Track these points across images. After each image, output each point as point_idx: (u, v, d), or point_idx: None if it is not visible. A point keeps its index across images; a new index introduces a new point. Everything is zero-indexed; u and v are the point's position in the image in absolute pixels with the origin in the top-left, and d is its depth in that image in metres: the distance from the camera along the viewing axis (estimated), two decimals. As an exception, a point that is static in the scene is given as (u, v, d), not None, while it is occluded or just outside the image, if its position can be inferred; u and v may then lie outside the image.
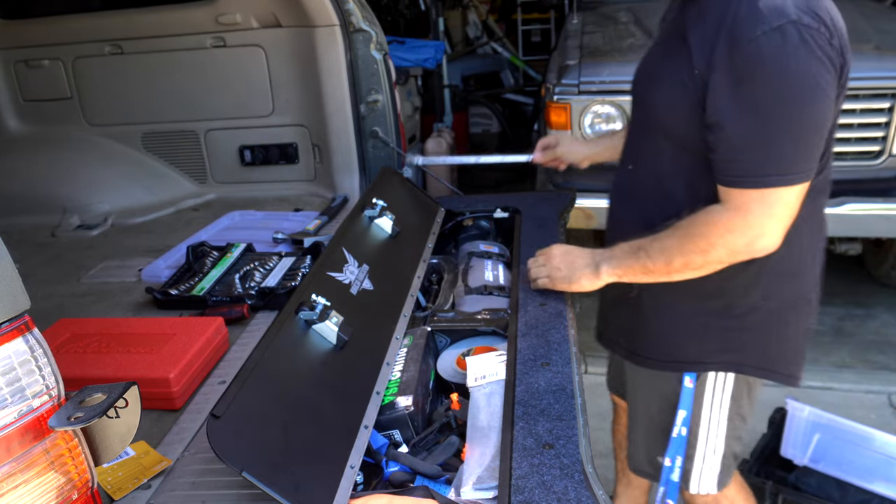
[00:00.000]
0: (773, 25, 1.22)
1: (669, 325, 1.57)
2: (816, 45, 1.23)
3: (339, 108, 2.65)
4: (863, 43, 3.34)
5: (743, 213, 1.32)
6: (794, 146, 1.28)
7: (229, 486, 1.11)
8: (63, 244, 2.51)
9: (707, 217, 1.37)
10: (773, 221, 1.32)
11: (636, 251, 1.47)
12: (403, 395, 1.33)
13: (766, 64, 1.23)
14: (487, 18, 7.70)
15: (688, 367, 1.57)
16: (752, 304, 1.49)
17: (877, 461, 2.24)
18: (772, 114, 1.26)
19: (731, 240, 1.34)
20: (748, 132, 1.28)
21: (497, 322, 1.59)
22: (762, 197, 1.30)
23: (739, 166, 1.31)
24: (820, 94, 1.26)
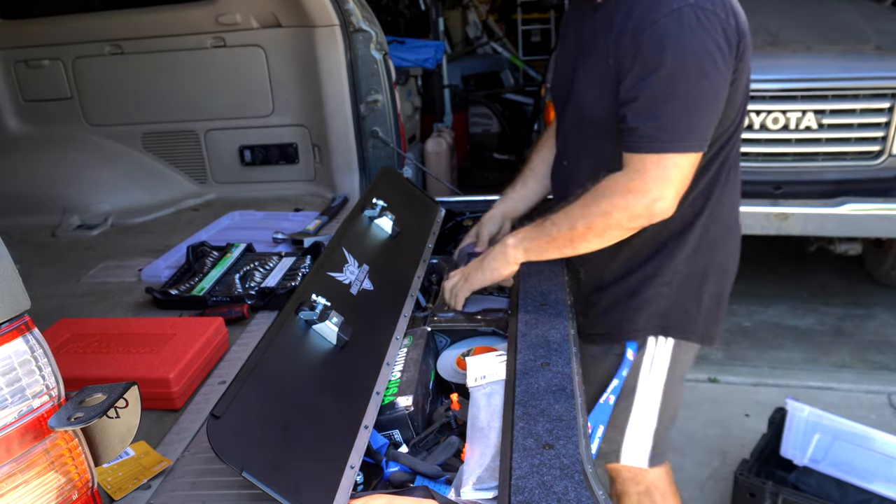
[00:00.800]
0: (672, 8, 1.35)
1: (610, 297, 1.66)
2: (711, 25, 1.35)
3: (339, 108, 2.65)
4: (863, 43, 3.34)
5: (641, 175, 1.42)
6: (687, 117, 1.39)
7: (229, 486, 1.11)
8: (63, 244, 2.51)
9: (608, 182, 1.47)
10: (668, 185, 1.41)
11: (542, 223, 1.57)
12: (403, 395, 1.33)
13: (665, 43, 1.36)
14: (487, 18, 7.70)
15: (629, 337, 1.65)
16: (677, 268, 1.60)
17: (877, 461, 2.24)
18: (669, 87, 1.38)
19: (631, 201, 1.43)
20: (648, 103, 1.40)
21: (497, 322, 1.59)
22: (659, 161, 1.40)
23: (640, 133, 1.41)
24: (713, 71, 1.38)
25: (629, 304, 1.63)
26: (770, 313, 3.95)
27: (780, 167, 3.31)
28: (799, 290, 4.18)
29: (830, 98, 3.20)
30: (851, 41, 3.37)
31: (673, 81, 1.37)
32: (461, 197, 2.38)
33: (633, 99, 1.41)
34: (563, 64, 1.68)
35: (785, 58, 3.33)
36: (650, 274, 1.61)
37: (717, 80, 1.39)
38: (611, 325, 1.67)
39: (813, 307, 4.01)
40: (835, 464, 2.32)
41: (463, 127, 6.06)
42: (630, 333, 1.65)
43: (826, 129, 3.24)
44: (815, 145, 3.28)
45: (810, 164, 3.31)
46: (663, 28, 1.35)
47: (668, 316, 1.63)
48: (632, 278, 1.62)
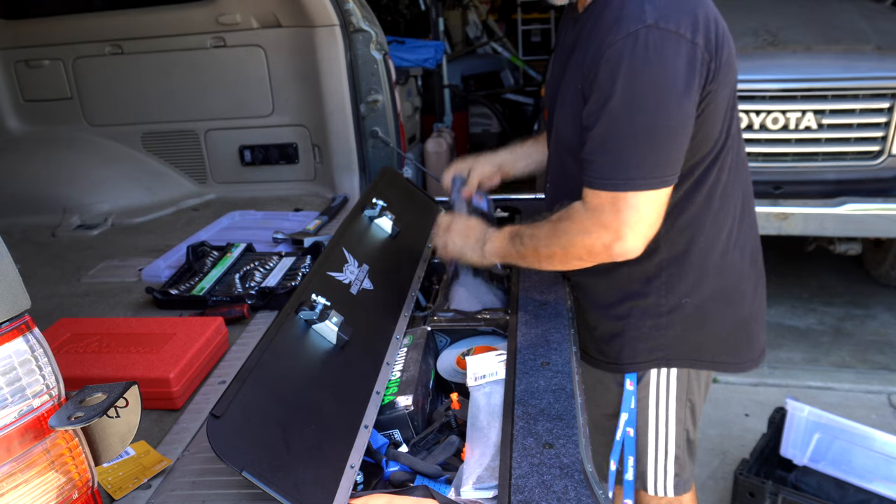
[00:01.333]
0: (629, 30, 1.24)
1: (607, 329, 1.61)
2: (671, 48, 1.23)
3: (339, 108, 2.65)
4: (863, 43, 3.34)
5: (597, 214, 1.34)
6: (642, 153, 1.28)
7: (229, 485, 1.11)
8: (63, 244, 2.51)
9: (571, 213, 1.39)
10: (625, 227, 1.31)
11: (513, 237, 1.52)
12: (403, 394, 1.33)
13: (617, 69, 1.25)
14: (487, 18, 7.70)
15: (626, 369, 1.60)
16: (675, 302, 1.52)
17: (877, 461, 2.24)
18: (622, 120, 1.27)
19: (588, 241, 1.36)
20: (602, 135, 1.30)
21: (497, 322, 1.59)
22: (613, 200, 1.31)
23: (594, 168, 1.32)
24: (672, 99, 1.25)
25: (627, 336, 1.56)
26: (770, 313, 3.95)
27: (779, 167, 3.31)
28: (799, 290, 4.18)
29: (830, 98, 3.20)
30: (851, 41, 3.37)
31: (626, 113, 1.26)
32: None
33: (590, 127, 1.32)
34: (551, 81, 1.62)
35: (785, 58, 3.33)
36: (647, 306, 1.53)
37: (678, 108, 1.26)
38: (610, 355, 1.61)
39: (813, 307, 4.01)
40: (835, 463, 2.33)
41: (463, 127, 6.06)
42: (629, 366, 1.59)
43: (826, 129, 3.24)
44: (814, 145, 3.28)
45: (810, 164, 3.31)
46: (618, 53, 1.24)
47: (671, 348, 1.56)
48: (626, 308, 1.55)
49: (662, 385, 1.61)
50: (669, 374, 1.60)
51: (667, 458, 1.67)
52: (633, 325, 1.56)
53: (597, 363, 1.66)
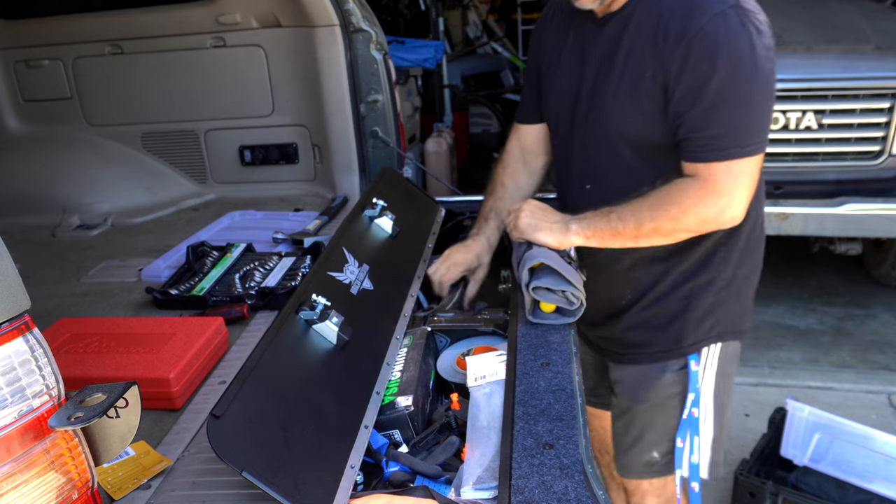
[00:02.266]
0: (715, 11, 1.32)
1: (666, 315, 1.62)
2: (755, 25, 1.34)
3: (339, 108, 2.65)
4: (863, 43, 3.34)
5: (712, 183, 1.41)
6: (749, 119, 1.38)
7: (229, 486, 1.11)
8: (63, 244, 2.51)
9: (680, 186, 1.45)
10: (739, 190, 1.41)
11: (608, 214, 1.51)
12: (403, 395, 1.33)
13: (716, 47, 1.33)
14: (487, 18, 7.70)
15: (690, 350, 1.62)
16: (730, 274, 1.59)
17: (877, 461, 2.24)
18: (727, 92, 1.35)
19: (703, 209, 1.43)
20: (708, 110, 1.37)
21: (497, 322, 1.59)
22: (728, 168, 1.39)
23: (704, 143, 1.39)
24: (766, 71, 1.36)
25: (689, 317, 1.60)
26: (770, 313, 3.95)
27: (780, 167, 3.31)
28: (799, 290, 4.18)
29: (830, 98, 3.20)
30: (851, 41, 3.37)
31: (730, 85, 1.35)
32: (461, 197, 2.39)
33: (689, 108, 1.38)
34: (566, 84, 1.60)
35: (785, 58, 3.33)
36: (707, 282, 1.58)
37: (770, 79, 1.38)
38: (669, 341, 1.62)
39: (813, 307, 4.01)
40: (835, 464, 2.32)
41: (463, 127, 6.06)
42: (691, 346, 1.62)
43: (826, 129, 3.24)
44: (815, 145, 3.28)
45: (810, 164, 3.31)
46: (711, 33, 1.32)
47: (724, 321, 1.62)
48: (688, 289, 1.59)
49: (710, 361, 1.64)
50: (716, 349, 1.64)
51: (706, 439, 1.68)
52: (695, 305, 1.59)
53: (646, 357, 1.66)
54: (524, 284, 1.50)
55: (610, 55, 1.48)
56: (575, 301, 1.49)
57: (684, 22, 1.35)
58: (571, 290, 1.47)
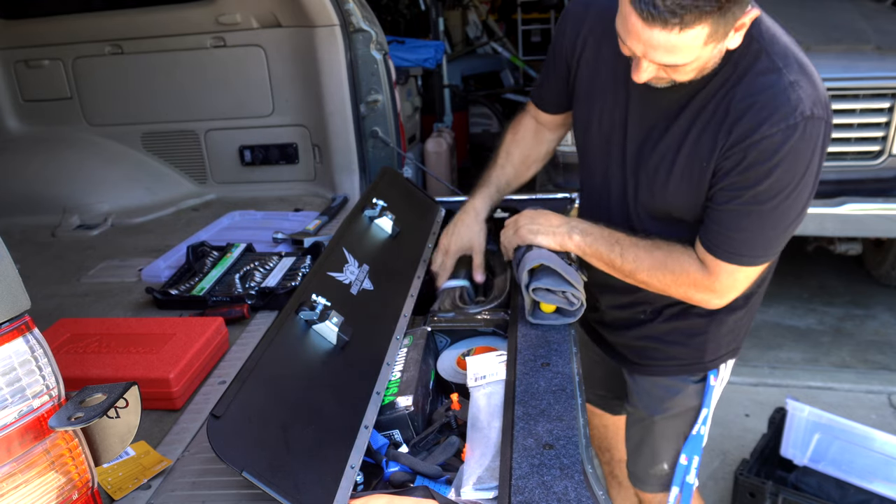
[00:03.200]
0: (789, 122, 1.25)
1: (687, 332, 1.61)
2: (822, 138, 1.29)
3: (339, 108, 2.65)
4: (863, 43, 3.34)
5: (712, 279, 1.41)
6: (772, 238, 1.36)
7: (229, 486, 1.11)
8: (63, 244, 2.51)
9: (684, 262, 1.43)
10: (733, 290, 1.43)
11: (613, 243, 1.50)
12: (403, 395, 1.33)
13: (774, 160, 1.27)
14: (487, 18, 7.70)
15: (711, 366, 1.63)
16: (750, 292, 1.57)
17: (877, 461, 2.24)
18: (764, 204, 1.31)
19: (693, 293, 1.44)
20: (738, 214, 1.34)
21: (497, 322, 1.59)
22: (732, 272, 1.39)
23: (721, 239, 1.37)
24: (809, 190, 1.32)
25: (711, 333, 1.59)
26: (770, 313, 3.95)
27: (780, 167, 3.31)
28: (799, 290, 4.18)
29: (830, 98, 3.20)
30: (851, 41, 3.37)
31: (770, 199, 1.30)
32: (461, 197, 2.38)
33: (723, 203, 1.34)
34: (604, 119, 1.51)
35: (785, 58, 3.33)
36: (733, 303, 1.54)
37: (810, 197, 1.33)
38: (690, 356, 1.63)
39: (813, 307, 4.01)
40: (835, 464, 2.33)
41: (463, 127, 6.06)
42: (713, 362, 1.62)
43: (826, 129, 3.23)
44: (814, 145, 3.27)
45: (810, 164, 3.31)
46: (776, 144, 1.26)
47: (740, 337, 1.63)
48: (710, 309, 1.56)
49: (723, 376, 1.66)
50: (729, 365, 1.65)
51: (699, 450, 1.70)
52: (718, 321, 1.58)
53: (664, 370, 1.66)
54: (524, 286, 1.50)
55: (665, 123, 1.41)
56: (575, 301, 1.49)
57: (754, 125, 1.27)
58: (572, 290, 1.47)
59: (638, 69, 1.27)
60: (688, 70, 1.26)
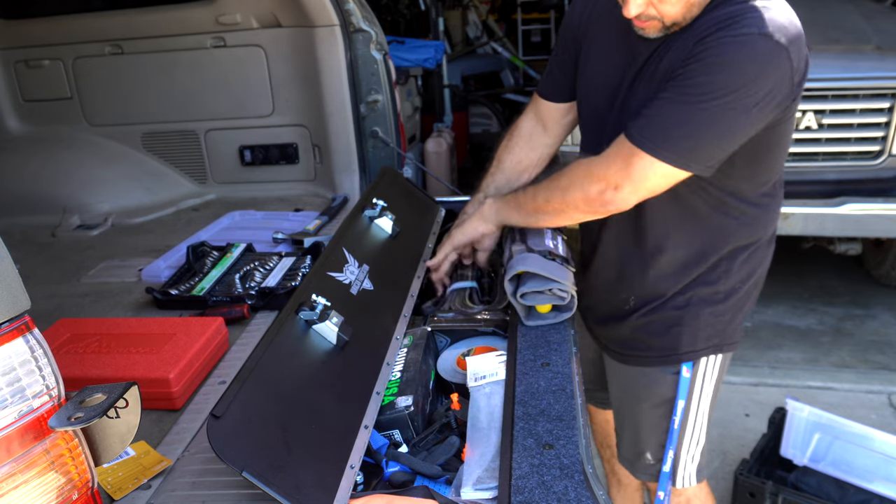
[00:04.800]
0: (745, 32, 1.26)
1: (664, 322, 1.61)
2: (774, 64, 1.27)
3: (339, 108, 2.65)
4: (863, 43, 3.34)
5: (608, 162, 1.39)
6: (685, 134, 1.32)
7: (229, 486, 1.11)
8: (63, 244, 2.51)
9: (578, 162, 1.47)
10: (627, 181, 1.37)
11: (516, 192, 1.62)
12: (403, 395, 1.33)
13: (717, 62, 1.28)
14: (487, 18, 7.70)
15: (684, 358, 1.61)
16: (733, 287, 1.57)
17: (877, 461, 2.24)
18: (691, 100, 1.30)
19: (587, 184, 1.43)
20: (665, 102, 1.33)
21: (497, 322, 1.59)
22: (630, 154, 1.35)
23: (641, 123, 1.35)
24: (744, 110, 1.29)
25: (686, 325, 1.59)
26: (770, 313, 3.95)
27: (779, 167, 3.31)
28: (799, 290, 4.18)
29: (830, 98, 3.20)
30: (851, 41, 3.37)
31: (699, 100, 1.29)
32: (461, 197, 2.38)
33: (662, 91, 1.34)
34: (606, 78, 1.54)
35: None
36: (707, 294, 1.57)
37: (746, 118, 1.31)
38: (664, 347, 1.62)
39: (813, 307, 4.01)
40: (835, 464, 2.32)
41: (463, 127, 6.06)
42: (687, 355, 1.61)
43: (826, 129, 3.24)
44: (815, 145, 3.28)
45: (810, 164, 3.31)
46: (723, 47, 1.26)
47: (721, 333, 1.61)
48: (686, 298, 1.57)
49: (709, 372, 1.64)
50: (716, 361, 1.63)
51: (697, 447, 1.69)
52: (693, 314, 1.58)
53: (643, 360, 1.66)
54: (510, 295, 1.51)
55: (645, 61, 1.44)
56: (565, 295, 1.49)
57: (711, 31, 1.29)
58: (557, 286, 1.48)
59: (627, 1, 1.32)
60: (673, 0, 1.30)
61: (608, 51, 1.54)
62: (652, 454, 1.70)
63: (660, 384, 1.65)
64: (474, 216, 1.73)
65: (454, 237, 1.75)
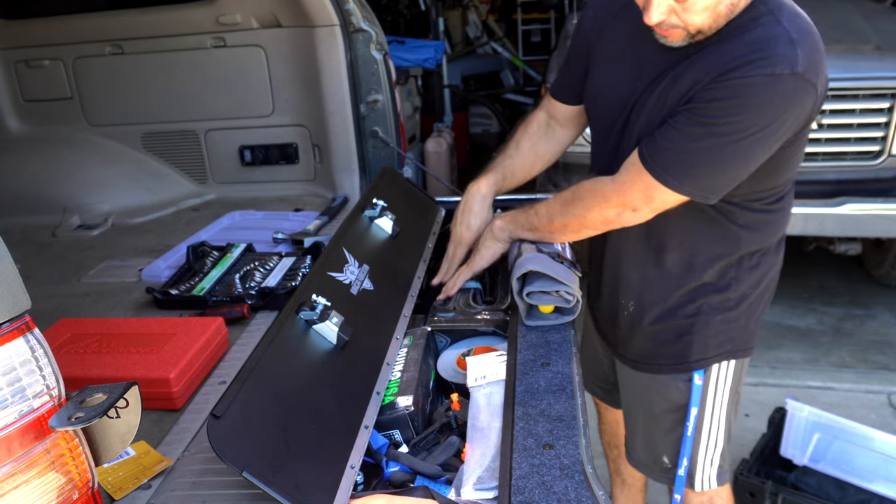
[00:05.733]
0: (775, 71, 1.23)
1: (673, 330, 1.60)
2: (802, 101, 1.26)
3: (339, 108, 2.65)
4: (863, 43, 3.34)
5: (626, 189, 1.40)
6: (706, 174, 1.33)
7: (229, 486, 1.11)
8: (63, 244, 2.51)
9: (593, 185, 1.46)
10: (646, 206, 1.41)
11: (528, 209, 1.60)
12: (403, 395, 1.33)
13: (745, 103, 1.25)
14: (487, 18, 7.70)
15: (696, 366, 1.60)
16: (743, 293, 1.57)
17: (877, 461, 2.24)
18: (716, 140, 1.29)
19: (605, 209, 1.44)
20: (686, 136, 1.31)
21: (497, 322, 1.59)
22: (650, 186, 1.36)
23: (657, 151, 1.35)
24: (766, 144, 1.29)
25: (697, 333, 1.58)
26: (770, 313, 3.95)
27: (780, 167, 3.31)
28: (799, 290, 4.18)
29: (830, 98, 3.20)
30: (851, 41, 3.37)
31: (725, 137, 1.27)
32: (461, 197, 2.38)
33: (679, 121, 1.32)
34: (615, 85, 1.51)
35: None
36: (718, 301, 1.56)
37: (766, 150, 1.30)
38: (675, 355, 1.61)
39: (813, 307, 4.01)
40: (835, 464, 2.33)
41: (463, 127, 6.06)
42: (699, 363, 1.60)
43: (826, 129, 3.24)
44: (815, 145, 3.28)
45: (810, 164, 3.31)
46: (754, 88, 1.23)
47: (734, 340, 1.60)
48: (696, 306, 1.56)
49: (722, 378, 1.63)
50: (729, 366, 1.63)
51: (715, 451, 1.68)
52: (703, 322, 1.57)
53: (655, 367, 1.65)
54: (516, 293, 1.51)
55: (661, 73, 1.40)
56: (571, 299, 1.49)
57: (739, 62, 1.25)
58: (565, 289, 1.48)
59: (649, 8, 1.27)
60: (698, 9, 1.25)
61: (618, 58, 1.52)
62: (669, 458, 1.70)
63: (672, 391, 1.64)
64: (487, 238, 1.69)
65: (475, 264, 1.70)
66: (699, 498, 1.74)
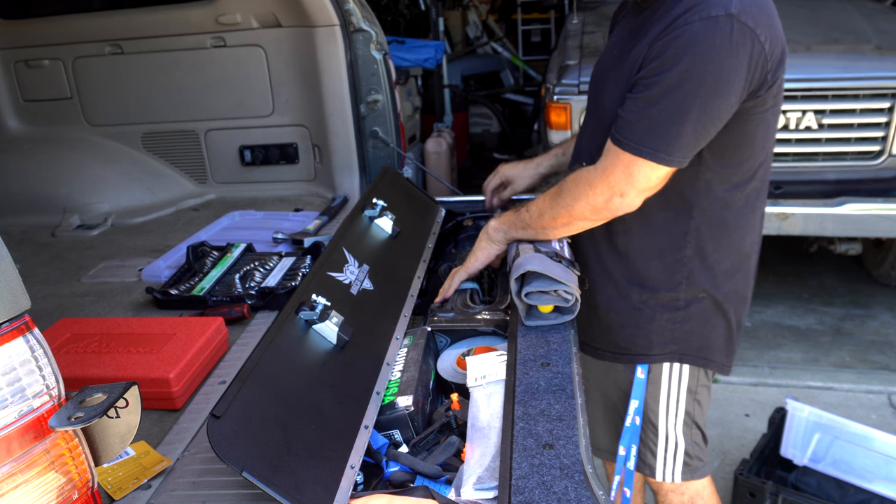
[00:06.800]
0: (711, 14, 1.28)
1: (619, 317, 1.63)
2: (744, 44, 1.29)
3: (339, 108, 2.65)
4: (863, 43, 3.35)
5: (609, 171, 1.41)
6: (677, 131, 1.34)
7: (229, 486, 1.11)
8: (63, 244, 2.51)
9: (578, 175, 1.47)
10: (631, 187, 1.40)
11: (520, 208, 1.61)
12: (403, 395, 1.33)
13: (689, 47, 1.29)
14: (487, 18, 7.71)
15: (638, 359, 1.63)
16: (694, 296, 1.57)
17: (877, 461, 2.24)
18: (675, 94, 1.32)
19: (592, 196, 1.44)
20: (649, 100, 1.34)
21: (497, 322, 1.59)
22: (630, 162, 1.37)
23: (626, 128, 1.37)
24: (725, 94, 1.32)
25: (642, 327, 1.60)
26: (770, 313, 3.96)
27: (780, 167, 3.31)
28: (799, 290, 4.18)
29: (830, 98, 3.20)
30: (851, 41, 3.37)
31: (682, 91, 1.30)
32: (461, 197, 2.38)
33: (638, 91, 1.36)
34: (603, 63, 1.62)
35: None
36: (666, 299, 1.57)
37: (726, 103, 1.33)
38: (622, 345, 1.64)
39: (813, 307, 4.01)
40: (835, 464, 2.33)
41: (463, 127, 6.06)
42: (642, 357, 1.62)
43: (826, 129, 3.24)
44: (815, 145, 3.28)
45: (810, 164, 3.31)
46: (693, 32, 1.28)
47: (685, 342, 1.60)
48: (644, 299, 1.58)
49: (674, 379, 1.64)
50: (682, 370, 1.64)
51: (676, 449, 1.70)
52: (648, 316, 1.59)
53: (604, 354, 1.68)
54: (514, 294, 1.51)
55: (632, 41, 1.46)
56: (570, 298, 1.50)
57: (679, 12, 1.31)
58: (563, 288, 1.48)
59: None
60: None
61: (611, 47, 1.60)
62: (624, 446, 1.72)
63: (622, 381, 1.68)
64: (482, 240, 1.70)
65: (470, 265, 1.71)
66: (679, 497, 1.76)
